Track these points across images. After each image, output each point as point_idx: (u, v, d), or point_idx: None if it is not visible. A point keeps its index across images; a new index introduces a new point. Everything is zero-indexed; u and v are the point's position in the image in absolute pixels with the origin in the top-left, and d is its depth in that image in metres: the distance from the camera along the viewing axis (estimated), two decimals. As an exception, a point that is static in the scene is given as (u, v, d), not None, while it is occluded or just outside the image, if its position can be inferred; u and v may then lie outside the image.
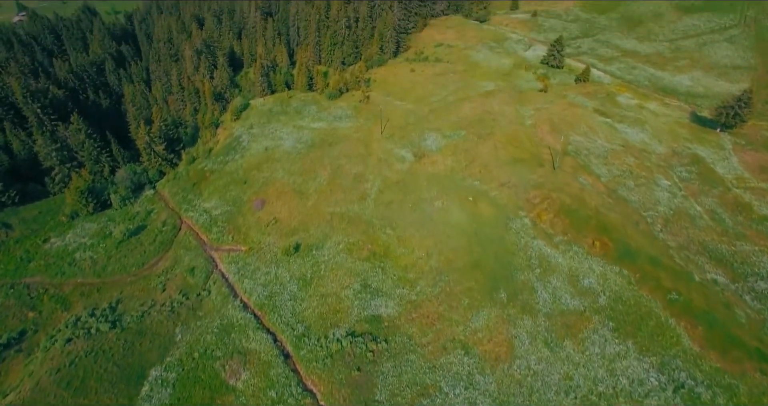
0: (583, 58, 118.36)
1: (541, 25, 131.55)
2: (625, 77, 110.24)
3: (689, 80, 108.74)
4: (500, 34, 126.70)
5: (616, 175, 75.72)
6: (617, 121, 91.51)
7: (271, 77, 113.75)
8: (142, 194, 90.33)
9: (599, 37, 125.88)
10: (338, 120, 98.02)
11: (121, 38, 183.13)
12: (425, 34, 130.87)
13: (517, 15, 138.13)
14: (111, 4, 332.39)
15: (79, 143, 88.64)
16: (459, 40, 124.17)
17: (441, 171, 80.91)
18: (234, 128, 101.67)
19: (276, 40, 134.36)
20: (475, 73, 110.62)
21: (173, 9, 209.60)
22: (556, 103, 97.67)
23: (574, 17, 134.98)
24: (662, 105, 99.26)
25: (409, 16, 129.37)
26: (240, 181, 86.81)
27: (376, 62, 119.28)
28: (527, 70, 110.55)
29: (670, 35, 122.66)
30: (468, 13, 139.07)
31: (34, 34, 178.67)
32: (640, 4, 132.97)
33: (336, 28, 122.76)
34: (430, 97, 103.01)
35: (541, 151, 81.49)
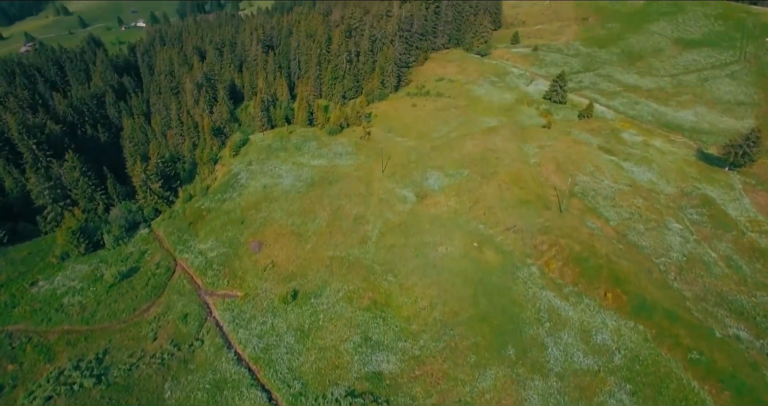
0: (586, 92, 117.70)
1: (542, 59, 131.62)
2: (629, 113, 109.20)
3: (693, 116, 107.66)
4: (501, 68, 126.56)
5: (625, 219, 73.28)
6: (623, 159, 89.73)
7: (271, 112, 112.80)
8: (136, 233, 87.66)
9: (600, 71, 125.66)
10: (339, 157, 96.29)
11: (124, 69, 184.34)
12: (426, 67, 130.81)
13: (518, 49, 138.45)
14: (116, 35, 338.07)
15: (74, 181, 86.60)
16: (460, 75, 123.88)
17: (444, 213, 78.56)
18: (232, 164, 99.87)
19: (277, 74, 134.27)
20: (477, 109, 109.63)
21: (176, 40, 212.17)
22: (560, 140, 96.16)
23: (574, 52, 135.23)
24: (668, 142, 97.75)
25: (410, 49, 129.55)
26: (237, 221, 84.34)
27: (377, 96, 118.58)
28: (530, 106, 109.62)
29: (671, 70, 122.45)
30: (469, 46, 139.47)
31: (38, 66, 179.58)
32: (639, 39, 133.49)
33: (337, 62, 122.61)
34: (431, 133, 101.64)
35: (547, 192, 79.34)
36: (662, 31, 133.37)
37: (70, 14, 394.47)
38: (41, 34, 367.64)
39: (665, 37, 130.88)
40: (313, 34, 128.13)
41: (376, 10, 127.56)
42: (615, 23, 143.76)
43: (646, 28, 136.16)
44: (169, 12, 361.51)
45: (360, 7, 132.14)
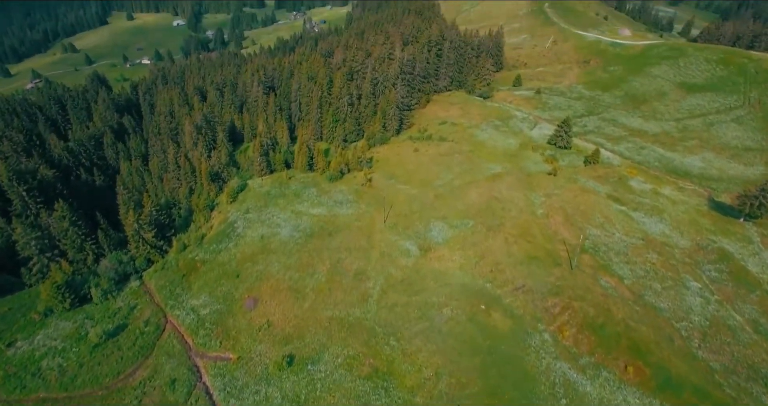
0: (590, 137, 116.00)
1: (545, 102, 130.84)
2: (635, 158, 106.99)
3: (701, 162, 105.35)
4: (505, 111, 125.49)
5: (640, 276, 69.43)
6: (633, 209, 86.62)
7: (270, 156, 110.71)
8: (126, 286, 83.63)
9: (605, 115, 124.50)
10: (339, 205, 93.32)
11: (125, 109, 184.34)
12: (428, 110, 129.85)
13: (521, 92, 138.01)
14: (120, 72, 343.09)
15: (63, 231, 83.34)
16: (463, 118, 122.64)
17: (449, 268, 74.82)
18: (229, 212, 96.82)
19: (277, 115, 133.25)
20: (480, 154, 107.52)
21: (178, 79, 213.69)
22: (566, 188, 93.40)
23: (578, 95, 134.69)
24: (677, 190, 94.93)
25: (412, 92, 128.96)
26: (232, 275, 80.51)
27: (379, 140, 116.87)
28: (534, 151, 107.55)
29: (675, 114, 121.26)
30: (471, 89, 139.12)
31: (40, 105, 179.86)
32: (642, 83, 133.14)
33: (338, 105, 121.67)
34: (434, 180, 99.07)
35: (557, 247, 75.78)
36: (665, 74, 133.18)
37: (77, 52, 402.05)
38: (48, 71, 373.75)
39: (668, 81, 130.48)
40: (314, 77, 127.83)
41: (378, 53, 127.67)
42: (617, 66, 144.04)
43: (649, 72, 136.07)
44: (174, 50, 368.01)
45: (362, 49, 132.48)
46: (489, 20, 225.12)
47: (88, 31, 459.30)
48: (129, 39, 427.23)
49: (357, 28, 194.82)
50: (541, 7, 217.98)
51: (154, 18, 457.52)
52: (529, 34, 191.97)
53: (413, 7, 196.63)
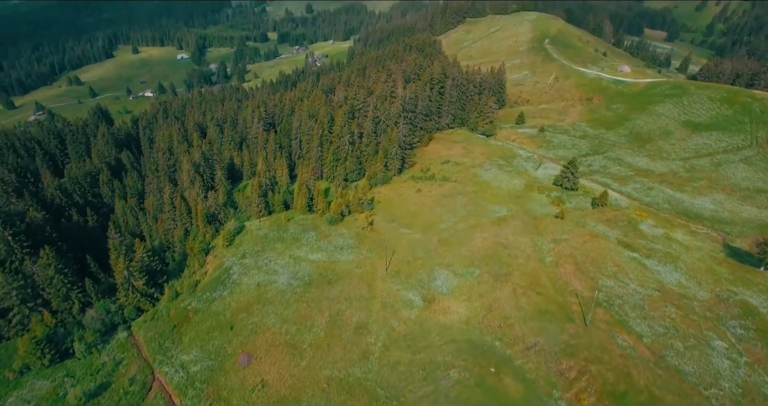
0: (596, 177, 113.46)
1: (549, 141, 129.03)
2: (643, 199, 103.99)
3: (711, 203, 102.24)
4: (508, 150, 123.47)
5: (660, 334, 64.98)
6: (645, 256, 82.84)
7: (269, 197, 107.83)
8: (113, 338, 79.18)
9: (610, 154, 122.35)
10: (339, 251, 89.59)
11: (125, 143, 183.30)
12: (431, 149, 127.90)
13: (524, 130, 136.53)
14: (123, 104, 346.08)
15: (47, 279, 79.35)
16: (466, 157, 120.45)
17: (454, 322, 70.46)
18: (225, 257, 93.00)
19: (277, 153, 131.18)
20: (485, 195, 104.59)
21: (179, 113, 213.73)
22: (575, 232, 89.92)
23: (581, 133, 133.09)
24: (690, 234, 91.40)
25: (414, 130, 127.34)
26: (226, 326, 76.03)
27: (381, 180, 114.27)
28: (540, 193, 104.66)
29: (681, 153, 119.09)
30: (474, 126, 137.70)
31: (39, 139, 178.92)
32: (647, 121, 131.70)
33: (339, 144, 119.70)
34: (438, 223, 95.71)
35: (568, 300, 71.62)
36: (669, 113, 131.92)
37: (81, 84, 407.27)
38: (52, 103, 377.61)
39: (672, 120, 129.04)
40: (315, 115, 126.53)
41: (379, 91, 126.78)
42: (620, 104, 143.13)
43: (652, 110, 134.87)
44: (177, 82, 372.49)
45: (363, 87, 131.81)
46: (489, 56, 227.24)
47: (94, 64, 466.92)
48: (133, 72, 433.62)
49: (359, 63, 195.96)
50: (542, 44, 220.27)
51: (158, 52, 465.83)
52: (530, 71, 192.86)
53: (415, 44, 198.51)
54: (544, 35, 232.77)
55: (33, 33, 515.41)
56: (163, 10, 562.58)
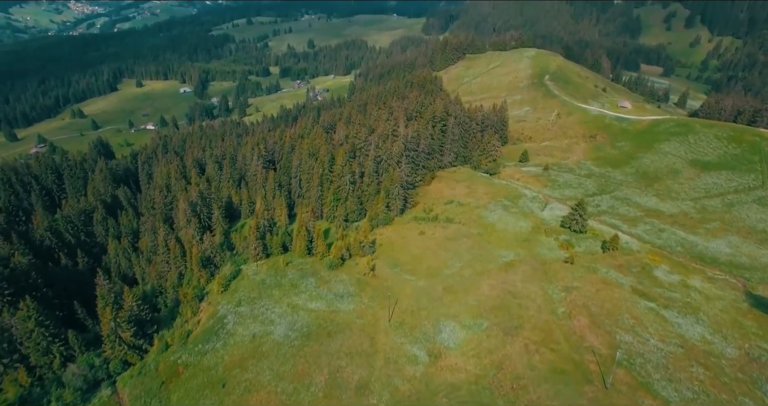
0: (605, 218, 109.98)
1: (554, 180, 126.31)
2: (655, 242, 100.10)
3: (727, 247, 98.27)
4: (513, 190, 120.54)
5: (689, 400, 59.77)
6: (663, 306, 78.29)
7: (267, 239, 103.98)
8: (95, 396, 73.65)
9: (617, 194, 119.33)
10: (339, 299, 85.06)
11: (123, 179, 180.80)
12: (433, 188, 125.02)
13: (528, 168, 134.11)
14: (124, 137, 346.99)
15: (26, 332, 74.45)
16: (470, 197, 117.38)
17: (463, 381, 65.30)
18: (220, 304, 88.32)
19: (276, 192, 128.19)
20: (490, 238, 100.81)
21: (179, 148, 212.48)
22: (586, 279, 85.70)
23: (587, 172, 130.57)
24: (708, 281, 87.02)
25: (417, 169, 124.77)
26: (218, 383, 70.80)
27: (382, 221, 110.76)
28: (548, 236, 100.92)
29: (691, 193, 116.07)
30: (477, 164, 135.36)
31: (36, 174, 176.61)
32: (653, 160, 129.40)
33: (340, 184, 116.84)
34: (443, 269, 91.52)
35: (585, 358, 66.69)
36: (675, 151, 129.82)
37: (84, 117, 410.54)
38: (54, 135, 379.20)
39: (680, 158, 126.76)
40: (315, 153, 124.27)
41: (381, 130, 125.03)
42: (624, 142, 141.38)
43: (658, 148, 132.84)
44: (179, 116, 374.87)
45: (365, 126, 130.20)
46: (490, 92, 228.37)
47: (98, 97, 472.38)
48: (136, 105, 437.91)
49: (359, 99, 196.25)
50: (542, 80, 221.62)
51: (162, 85, 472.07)
52: (531, 107, 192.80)
53: (416, 80, 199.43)
54: (544, 71, 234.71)
55: (42, 67, 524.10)
56: (168, 44, 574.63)
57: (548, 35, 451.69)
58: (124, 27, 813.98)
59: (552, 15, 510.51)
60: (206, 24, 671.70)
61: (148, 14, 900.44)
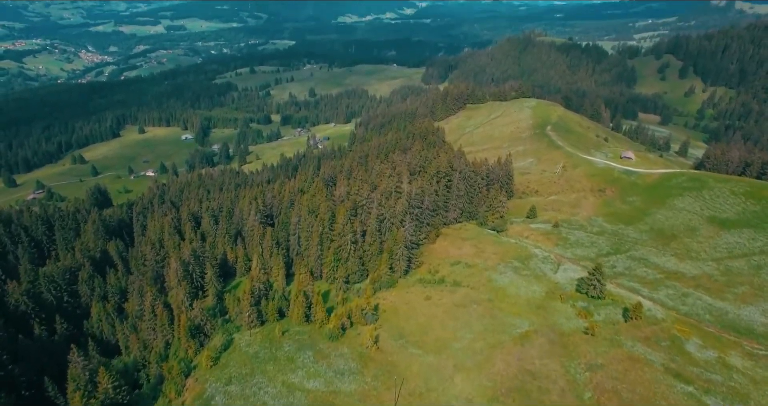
0: (622, 280, 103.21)
1: (565, 238, 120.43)
2: (680, 309, 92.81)
3: (762, 315, 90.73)
4: (523, 249, 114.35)
5: None
6: (704, 391, 70.17)
7: (262, 305, 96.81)
8: None
9: (633, 253, 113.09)
10: (340, 377, 76.93)
11: (116, 231, 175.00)
12: (439, 246, 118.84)
13: (537, 225, 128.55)
14: (123, 184, 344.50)
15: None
16: (478, 258, 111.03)
17: None
18: (208, 382, 79.98)
19: (274, 250, 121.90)
20: (502, 305, 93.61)
21: (177, 198, 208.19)
22: (611, 355, 77.96)
23: (599, 229, 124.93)
24: (748, 357, 79.12)
25: (421, 226, 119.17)
26: None
27: (385, 284, 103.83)
28: (564, 302, 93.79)
29: (713, 253, 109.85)
30: (483, 220, 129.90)
31: (26, 225, 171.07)
32: (668, 216, 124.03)
33: (341, 243, 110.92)
34: (452, 341, 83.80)
35: (623, 459, 58.14)
36: (690, 207, 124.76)
37: (85, 163, 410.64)
38: (54, 181, 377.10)
39: (696, 215, 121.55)
40: (315, 210, 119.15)
41: (384, 186, 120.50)
42: (635, 197, 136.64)
43: (672, 204, 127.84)
44: (179, 162, 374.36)
45: (367, 181, 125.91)
46: (492, 142, 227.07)
47: (100, 143, 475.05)
48: (137, 151, 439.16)
49: (361, 151, 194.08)
50: (544, 130, 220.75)
51: (163, 132, 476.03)
52: (535, 158, 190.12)
53: (417, 131, 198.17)
54: (546, 122, 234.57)
55: (47, 114, 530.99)
56: (172, 92, 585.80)
57: (546, 85, 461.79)
58: (131, 75, 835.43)
59: (549, 65, 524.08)
60: (210, 72, 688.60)
61: (154, 63, 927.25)
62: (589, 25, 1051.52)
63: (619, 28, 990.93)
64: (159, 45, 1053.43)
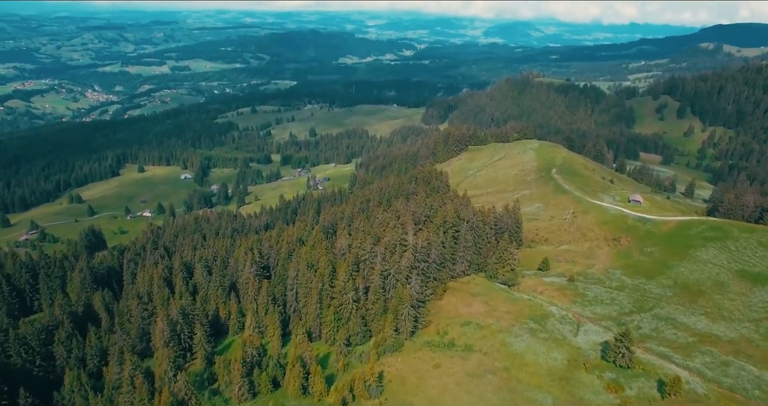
0: (651, 344, 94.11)
1: (582, 293, 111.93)
2: (722, 381, 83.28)
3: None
4: (538, 307, 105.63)
5: None
6: None
7: (255, 375, 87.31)
8: None
9: (658, 311, 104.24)
10: (339, 471, 66.66)
11: (105, 280, 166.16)
12: (446, 303, 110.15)
13: (551, 279, 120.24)
14: (119, 224, 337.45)
15: None
16: (490, 317, 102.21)
17: None
18: (186, 473, 69.44)
19: (270, 306, 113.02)
20: (520, 375, 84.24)
21: (171, 243, 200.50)
22: (651, 441, 68.02)
23: (618, 283, 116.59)
24: (803, 443, 69.18)
25: (427, 281, 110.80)
26: None
27: (390, 348, 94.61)
28: (589, 372, 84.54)
29: (748, 313, 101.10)
30: (493, 273, 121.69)
31: (9, 272, 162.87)
32: (692, 270, 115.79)
33: (342, 301, 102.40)
34: (468, 423, 74.02)
35: None
36: (715, 260, 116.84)
37: (82, 202, 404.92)
38: (49, 221, 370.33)
39: (723, 269, 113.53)
40: (314, 264, 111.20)
41: (388, 239, 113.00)
42: (654, 247, 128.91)
43: (695, 256, 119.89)
44: (177, 203, 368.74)
45: (369, 233, 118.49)
46: (496, 185, 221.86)
47: (99, 182, 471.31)
48: (135, 190, 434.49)
49: (362, 195, 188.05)
50: (549, 173, 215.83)
51: (163, 171, 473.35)
52: (542, 203, 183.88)
53: (420, 175, 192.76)
54: (550, 164, 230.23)
55: (49, 152, 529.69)
56: (174, 131, 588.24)
57: (546, 125, 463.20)
58: (135, 114, 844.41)
59: (548, 106, 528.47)
60: (212, 112, 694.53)
61: (158, 102, 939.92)
62: (583, 67, 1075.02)
63: (614, 70, 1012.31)
64: (163, 85, 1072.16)
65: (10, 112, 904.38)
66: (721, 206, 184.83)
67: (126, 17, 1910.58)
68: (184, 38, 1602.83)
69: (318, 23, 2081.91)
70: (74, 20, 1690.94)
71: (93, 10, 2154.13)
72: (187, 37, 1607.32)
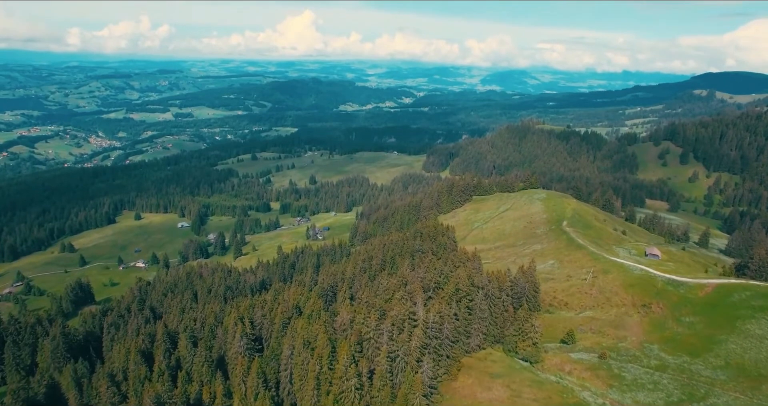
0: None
1: (619, 375, 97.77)
2: None
3: None
4: (569, 392, 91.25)
5: None
6: None
7: None
8: None
9: (715, 401, 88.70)
10: None
11: (82, 347, 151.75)
12: (461, 385, 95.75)
13: (579, 355, 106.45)
14: (109, 276, 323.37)
15: None
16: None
17: None
18: None
19: (261, 389, 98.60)
20: None
21: (158, 303, 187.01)
22: None
23: (658, 361, 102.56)
24: None
25: (439, 359, 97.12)
26: None
27: (400, 450, 79.83)
28: None
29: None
30: (512, 347, 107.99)
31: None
32: (744, 347, 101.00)
33: (343, 388, 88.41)
34: None
35: None
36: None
37: (74, 251, 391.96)
38: (38, 271, 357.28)
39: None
40: (312, 342, 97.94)
41: (395, 313, 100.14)
42: (692, 317, 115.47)
43: (745, 330, 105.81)
44: (172, 253, 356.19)
45: (374, 306, 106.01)
46: (505, 239, 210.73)
47: (94, 229, 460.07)
48: (130, 239, 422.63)
49: (364, 252, 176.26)
50: (560, 226, 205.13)
51: (160, 218, 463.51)
52: (556, 260, 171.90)
53: (425, 230, 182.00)
54: (560, 216, 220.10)
55: (46, 198, 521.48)
56: (173, 177, 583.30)
57: (548, 172, 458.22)
58: (136, 159, 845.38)
59: (549, 152, 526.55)
60: (212, 158, 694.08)
61: (160, 148, 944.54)
62: (580, 113, 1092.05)
63: (610, 115, 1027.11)
64: (166, 131, 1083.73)
65: (13, 158, 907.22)
66: (752, 263, 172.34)
67: (133, 67, 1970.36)
68: (188, 86, 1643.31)
69: (319, 72, 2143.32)
70: (83, 69, 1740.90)
71: (102, 60, 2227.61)
72: (191, 85, 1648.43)
